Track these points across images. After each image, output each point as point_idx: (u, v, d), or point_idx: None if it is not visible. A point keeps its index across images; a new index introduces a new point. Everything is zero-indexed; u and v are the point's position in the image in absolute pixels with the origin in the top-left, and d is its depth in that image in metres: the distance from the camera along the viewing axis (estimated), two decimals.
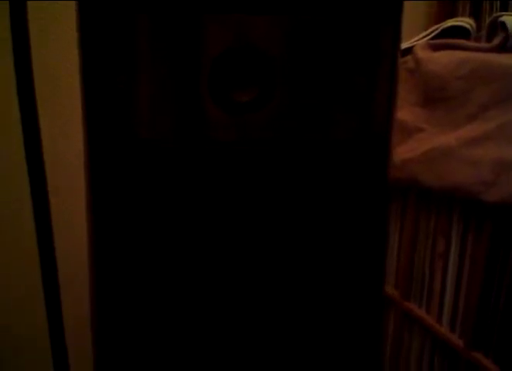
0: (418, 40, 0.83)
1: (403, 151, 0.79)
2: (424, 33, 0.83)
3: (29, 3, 0.38)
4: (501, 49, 0.75)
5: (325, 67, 0.28)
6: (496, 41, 0.76)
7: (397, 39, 0.31)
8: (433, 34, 0.82)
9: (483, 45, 0.78)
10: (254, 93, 0.28)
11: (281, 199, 0.30)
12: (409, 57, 0.82)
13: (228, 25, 0.26)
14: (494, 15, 0.78)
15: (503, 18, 0.73)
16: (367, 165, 0.31)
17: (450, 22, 0.82)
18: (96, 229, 0.33)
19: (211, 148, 0.29)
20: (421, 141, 0.77)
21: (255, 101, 0.28)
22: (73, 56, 0.31)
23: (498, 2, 0.86)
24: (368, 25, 0.29)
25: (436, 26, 0.82)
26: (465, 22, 0.82)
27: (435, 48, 0.79)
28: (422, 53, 0.78)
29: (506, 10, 0.89)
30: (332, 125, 0.29)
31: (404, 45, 0.83)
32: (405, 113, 0.80)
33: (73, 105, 0.35)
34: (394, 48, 0.31)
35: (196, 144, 0.28)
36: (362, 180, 0.31)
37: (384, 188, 0.33)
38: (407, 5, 0.30)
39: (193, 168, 0.29)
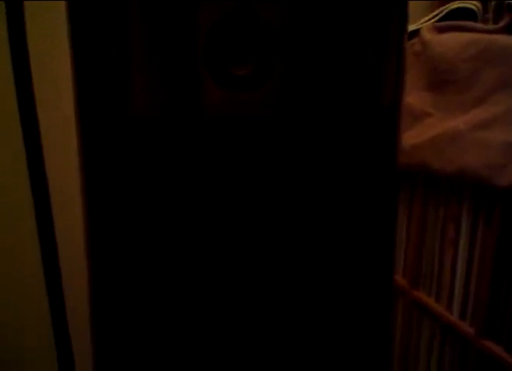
0: (424, 23, 0.81)
1: (410, 137, 0.77)
2: (430, 15, 0.81)
3: None
4: (508, 30, 0.73)
5: (330, 40, 0.27)
6: (503, 23, 0.75)
7: (405, 8, 0.30)
8: (439, 16, 0.80)
9: (490, 26, 0.76)
10: (253, 67, 0.26)
11: (281, 183, 0.28)
12: (415, 40, 0.80)
13: None
14: None
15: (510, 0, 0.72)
16: (375, 144, 0.30)
17: (456, 4, 0.80)
18: (90, 214, 0.32)
19: (207, 125, 0.27)
20: (429, 126, 0.75)
21: (254, 76, 0.26)
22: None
23: None
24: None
25: (442, 8, 0.81)
26: (471, 3, 0.81)
27: (442, 30, 0.77)
28: (429, 35, 0.76)
29: None
30: (336, 102, 0.28)
31: (411, 27, 0.81)
32: (412, 97, 0.79)
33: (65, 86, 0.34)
34: (403, 17, 0.30)
35: (192, 122, 0.27)
36: (369, 160, 0.30)
37: (393, 168, 0.31)
38: None
39: (188, 148, 0.27)
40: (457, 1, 0.80)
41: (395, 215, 0.33)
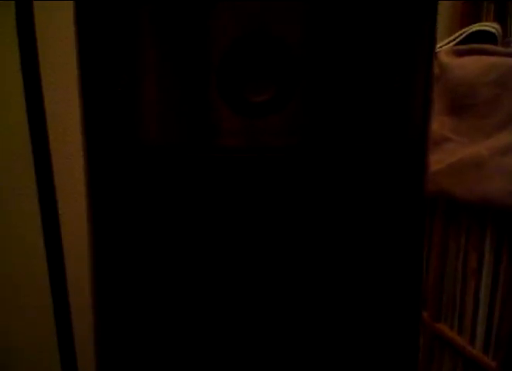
0: (442, 46, 0.80)
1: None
2: (449, 38, 0.80)
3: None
4: None
5: (353, 63, 0.25)
6: None
7: (433, 33, 0.28)
8: (458, 39, 0.78)
9: (511, 50, 0.74)
10: (271, 93, 0.24)
11: (302, 216, 0.26)
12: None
13: (238, 13, 0.23)
14: None
15: None
16: (402, 177, 0.27)
17: (476, 27, 0.78)
18: (96, 244, 0.30)
19: (222, 156, 0.25)
20: (448, 152, 0.73)
21: (272, 102, 0.24)
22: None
23: None
24: (403, 18, 0.25)
25: (461, 31, 0.79)
26: (491, 26, 0.79)
27: (461, 53, 0.75)
28: (447, 59, 0.74)
29: None
30: (360, 131, 0.26)
31: None
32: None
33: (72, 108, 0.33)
34: (431, 43, 0.28)
35: (206, 152, 0.25)
36: (395, 194, 0.27)
37: (420, 201, 0.29)
38: None
39: (202, 178, 0.25)
40: (477, 24, 0.78)
41: (422, 250, 0.30)
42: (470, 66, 0.73)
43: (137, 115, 0.25)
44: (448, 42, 0.80)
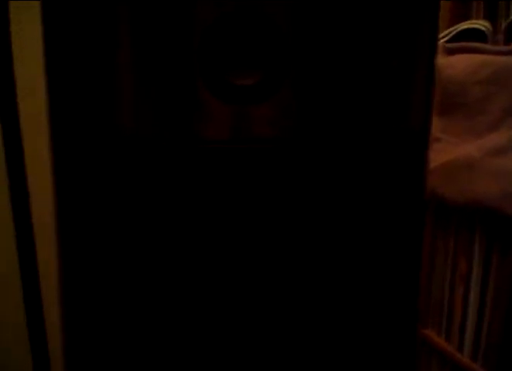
0: None
1: None
2: (438, 36, 0.78)
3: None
4: None
5: (350, 46, 0.22)
6: None
7: (436, 18, 0.25)
8: (448, 37, 0.77)
9: (502, 48, 0.73)
10: (258, 76, 0.21)
11: (293, 211, 0.23)
12: None
13: None
14: None
15: None
16: (402, 171, 0.25)
17: (465, 25, 0.77)
18: (65, 244, 0.27)
19: (206, 147, 0.22)
20: (438, 152, 0.71)
21: (259, 86, 0.21)
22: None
23: None
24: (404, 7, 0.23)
25: (450, 29, 0.77)
26: (481, 24, 0.77)
27: (451, 52, 0.74)
28: (438, 57, 0.72)
29: None
30: (357, 120, 0.23)
31: None
32: None
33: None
34: (433, 26, 0.25)
35: (188, 143, 0.22)
36: (395, 189, 0.25)
37: (419, 196, 0.26)
38: None
39: (184, 172, 0.22)
40: (466, 22, 0.76)
41: (421, 249, 0.28)
42: (460, 64, 0.71)
43: (112, 104, 0.23)
44: (438, 40, 0.78)
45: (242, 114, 0.22)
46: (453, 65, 0.71)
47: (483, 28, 0.77)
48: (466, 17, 0.87)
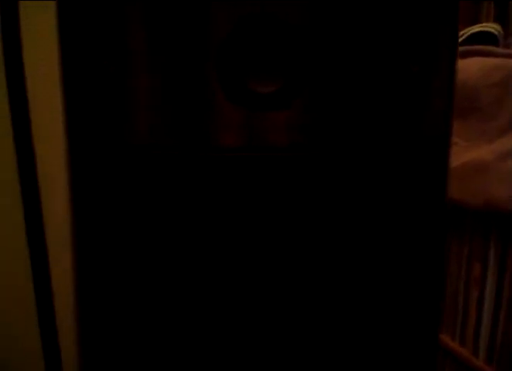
0: None
1: None
2: None
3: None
4: None
5: (369, 50, 0.22)
6: None
7: (456, 21, 0.25)
8: (459, 40, 0.76)
9: None
10: (279, 84, 0.21)
11: (309, 223, 0.23)
12: None
13: None
14: None
15: None
16: (422, 180, 0.25)
17: (477, 28, 0.76)
18: (81, 252, 0.27)
19: (221, 155, 0.22)
20: (451, 156, 0.70)
21: (279, 94, 0.21)
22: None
23: None
24: (423, 7, 0.23)
25: (462, 32, 0.77)
26: (492, 27, 0.77)
27: (463, 55, 0.73)
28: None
29: None
30: (376, 127, 0.23)
31: None
32: None
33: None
34: (453, 30, 0.25)
35: (202, 151, 0.22)
36: (415, 200, 0.24)
37: (441, 208, 0.26)
38: None
39: (198, 181, 0.22)
40: (477, 25, 0.76)
41: (444, 254, 0.28)
42: (472, 68, 0.71)
43: (124, 109, 0.23)
44: None
45: (259, 122, 0.22)
46: (465, 69, 0.71)
47: (495, 32, 0.77)
48: (476, 20, 0.87)
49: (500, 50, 0.72)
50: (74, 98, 0.25)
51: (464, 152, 0.69)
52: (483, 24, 0.77)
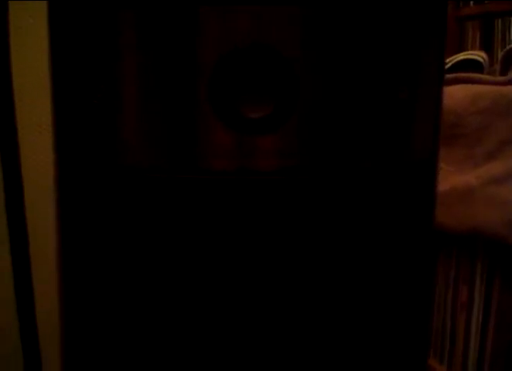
0: None
1: None
2: None
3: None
4: None
5: (356, 77, 0.23)
6: None
7: (442, 49, 0.26)
8: (445, 68, 0.78)
9: (499, 78, 0.74)
10: (269, 109, 0.21)
11: (299, 246, 0.24)
12: None
13: (231, 20, 0.21)
14: (508, 47, 0.75)
15: None
16: (411, 202, 0.25)
17: (462, 56, 0.78)
18: (67, 274, 0.27)
19: (211, 177, 0.22)
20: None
21: (270, 118, 0.22)
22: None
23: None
24: (409, 27, 0.23)
25: (448, 59, 0.78)
26: (477, 55, 0.79)
27: (448, 82, 0.75)
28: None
29: None
30: (365, 151, 0.23)
31: None
32: None
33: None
34: (440, 58, 0.26)
35: (193, 173, 0.22)
36: (404, 221, 0.25)
37: (428, 230, 0.27)
38: None
39: (188, 203, 0.22)
40: (463, 53, 0.78)
41: (433, 277, 0.28)
42: (458, 95, 0.72)
43: (115, 131, 0.23)
44: None
45: (249, 146, 0.23)
46: (450, 96, 0.72)
47: (479, 59, 0.78)
48: (461, 47, 0.89)
49: (485, 77, 0.74)
50: (64, 121, 0.25)
51: (450, 177, 0.70)
52: (469, 52, 0.79)
